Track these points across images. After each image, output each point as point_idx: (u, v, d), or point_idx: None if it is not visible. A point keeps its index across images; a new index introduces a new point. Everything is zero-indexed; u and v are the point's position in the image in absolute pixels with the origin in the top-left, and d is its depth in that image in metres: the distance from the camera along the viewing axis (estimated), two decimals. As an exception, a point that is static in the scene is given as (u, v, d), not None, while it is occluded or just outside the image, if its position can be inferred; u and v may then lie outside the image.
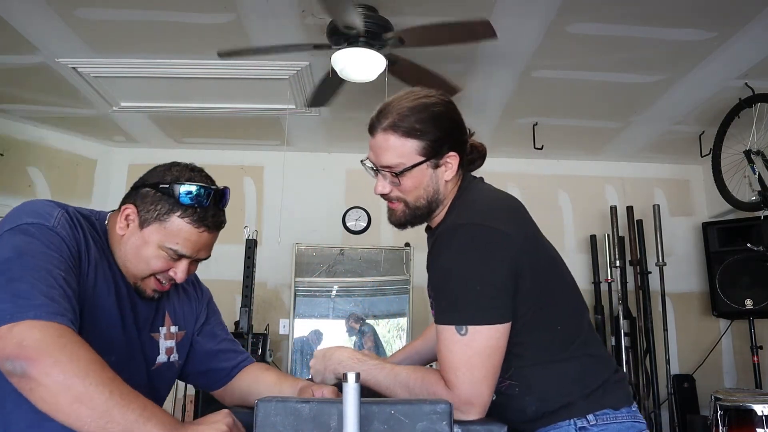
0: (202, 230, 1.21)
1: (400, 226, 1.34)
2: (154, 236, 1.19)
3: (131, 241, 1.21)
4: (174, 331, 1.36)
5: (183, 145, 4.74)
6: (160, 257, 1.20)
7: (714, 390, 3.11)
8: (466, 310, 1.14)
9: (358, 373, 0.85)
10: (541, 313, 1.22)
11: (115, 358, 1.12)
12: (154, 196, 1.20)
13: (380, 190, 1.30)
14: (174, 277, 1.24)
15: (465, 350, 1.13)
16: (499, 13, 2.76)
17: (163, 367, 1.33)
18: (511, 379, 1.24)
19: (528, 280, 1.19)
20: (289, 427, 0.93)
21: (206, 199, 1.20)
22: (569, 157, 4.78)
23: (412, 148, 1.25)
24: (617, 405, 1.22)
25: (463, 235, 1.18)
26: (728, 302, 4.11)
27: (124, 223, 1.22)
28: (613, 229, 4.48)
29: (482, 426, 1.07)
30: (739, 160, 3.60)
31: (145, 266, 1.21)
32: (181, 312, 1.39)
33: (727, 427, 2.80)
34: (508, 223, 1.20)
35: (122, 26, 2.97)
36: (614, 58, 3.21)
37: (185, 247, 1.20)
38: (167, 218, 1.19)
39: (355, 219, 4.74)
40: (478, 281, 1.15)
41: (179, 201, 1.19)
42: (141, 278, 1.23)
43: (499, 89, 3.61)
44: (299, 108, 3.90)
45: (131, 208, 1.22)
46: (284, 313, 4.57)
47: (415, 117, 1.25)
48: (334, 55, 2.76)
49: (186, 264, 1.24)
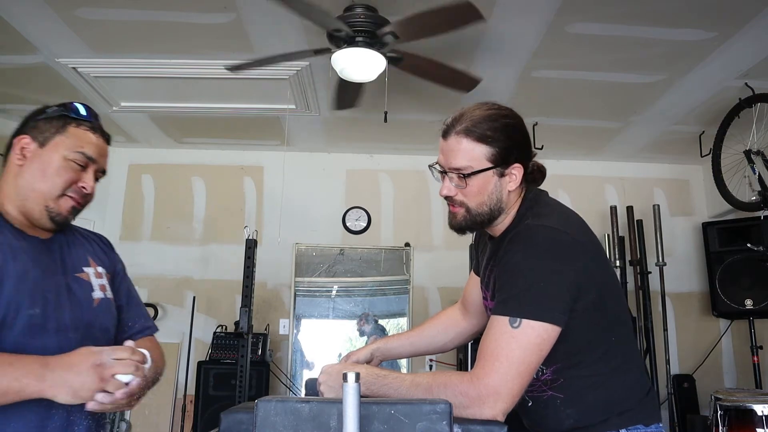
0: (98, 135, 1.33)
1: (459, 230, 1.37)
2: (59, 149, 1.28)
3: (34, 164, 1.27)
4: (101, 271, 1.39)
5: (183, 145, 4.74)
6: (68, 167, 1.27)
7: (714, 390, 3.11)
8: (525, 304, 1.17)
9: (358, 373, 0.85)
10: (600, 326, 1.26)
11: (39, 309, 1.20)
12: (45, 120, 1.30)
13: (446, 192, 1.34)
14: (85, 188, 1.30)
15: (510, 342, 1.15)
16: (499, 13, 2.76)
17: (102, 303, 1.36)
18: (555, 390, 1.26)
19: (593, 292, 1.23)
20: (289, 427, 0.93)
21: (92, 112, 1.35)
22: (569, 157, 4.78)
23: (481, 154, 1.29)
24: (648, 421, 1.26)
25: (540, 236, 1.23)
26: (728, 302, 4.11)
27: (19, 153, 1.28)
28: (613, 229, 4.48)
29: (482, 426, 1.06)
30: (739, 160, 3.60)
31: (56, 180, 1.26)
32: (103, 257, 1.43)
33: (727, 427, 2.80)
34: (582, 234, 1.27)
35: (122, 26, 2.97)
36: (614, 58, 3.21)
37: (90, 149, 1.30)
38: (65, 130, 1.29)
39: (355, 219, 4.74)
40: (545, 280, 1.18)
41: (71, 115, 1.31)
42: (54, 198, 1.26)
43: (499, 89, 3.61)
44: (299, 108, 3.90)
45: (25, 138, 1.29)
46: (284, 313, 4.57)
47: (487, 125, 1.30)
48: (333, 55, 2.76)
49: (92, 174, 1.31)
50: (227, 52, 3.19)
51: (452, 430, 0.94)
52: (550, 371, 1.26)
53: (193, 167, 4.76)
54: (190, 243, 4.66)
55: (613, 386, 1.27)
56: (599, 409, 1.25)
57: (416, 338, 1.67)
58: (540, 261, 1.20)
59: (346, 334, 4.65)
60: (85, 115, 1.33)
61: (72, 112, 1.32)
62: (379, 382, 1.21)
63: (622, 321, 1.34)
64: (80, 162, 1.28)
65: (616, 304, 1.32)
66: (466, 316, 1.67)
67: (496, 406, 1.12)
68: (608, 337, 1.28)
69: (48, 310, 1.22)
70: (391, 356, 1.66)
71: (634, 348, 1.36)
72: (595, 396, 1.26)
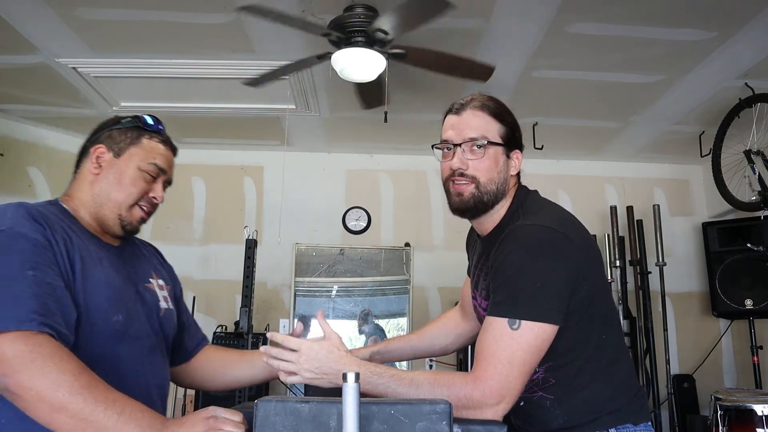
0: (167, 147, 1.40)
1: (464, 210, 1.36)
2: (133, 159, 1.33)
3: (109, 174, 1.32)
4: (162, 283, 1.44)
5: (183, 145, 4.69)
6: (141, 178, 1.33)
7: (714, 390, 3.10)
8: (524, 305, 1.17)
9: (358, 373, 0.85)
10: (592, 323, 1.26)
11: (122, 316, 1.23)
12: (119, 131, 1.35)
13: (458, 164, 1.34)
14: (156, 200, 1.36)
15: (511, 344, 1.15)
16: (499, 13, 2.76)
17: (167, 313, 1.40)
18: (545, 391, 1.26)
19: (585, 290, 1.22)
20: (289, 427, 0.93)
21: (160, 124, 1.41)
22: (569, 157, 4.78)
23: (495, 129, 1.36)
24: (637, 420, 1.26)
25: (534, 235, 1.23)
26: (728, 302, 4.11)
27: (96, 163, 1.32)
28: (613, 229, 4.48)
29: (482, 426, 1.06)
30: (739, 160, 3.59)
31: (130, 190, 1.32)
32: (161, 270, 1.49)
33: (727, 427, 2.80)
34: (576, 233, 1.27)
35: (122, 26, 2.97)
36: (614, 58, 3.21)
37: (161, 161, 1.36)
38: (139, 141, 1.35)
39: (355, 219, 4.74)
40: (541, 280, 1.18)
41: (144, 128, 1.37)
42: (126, 208, 1.32)
43: (499, 89, 3.60)
44: (299, 108, 3.90)
45: (101, 147, 1.34)
46: (284, 313, 4.57)
47: (499, 105, 1.40)
48: (334, 55, 2.76)
49: (161, 184, 1.38)
50: (227, 52, 3.19)
51: (452, 430, 0.94)
52: (542, 369, 1.26)
53: (193, 167, 4.75)
54: (190, 243, 4.65)
55: (602, 385, 1.26)
56: (588, 409, 1.25)
57: (416, 341, 1.68)
58: (535, 260, 1.20)
59: (346, 334, 4.64)
60: (157, 127, 1.39)
61: (144, 123, 1.37)
62: (375, 380, 1.19)
63: (612, 319, 1.34)
64: (152, 173, 1.34)
65: (605, 302, 1.33)
66: (465, 318, 1.67)
67: (498, 408, 1.13)
68: (599, 334, 1.28)
69: (128, 318, 1.25)
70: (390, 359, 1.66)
71: (623, 347, 1.36)
72: (584, 396, 1.25)
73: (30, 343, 1.00)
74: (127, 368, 1.23)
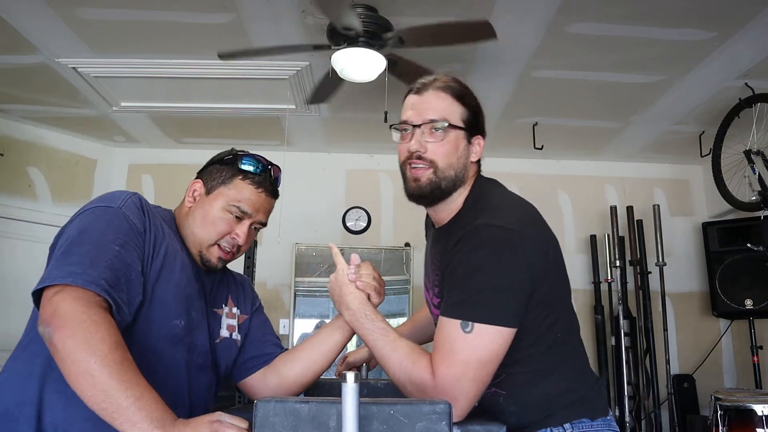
0: (261, 191, 1.36)
1: (420, 196, 1.33)
2: (220, 198, 1.34)
3: (199, 209, 1.34)
4: (236, 312, 1.44)
5: (183, 145, 4.74)
6: (225, 219, 1.33)
7: (714, 390, 3.10)
8: (476, 307, 1.13)
9: (358, 374, 0.85)
10: (547, 320, 1.22)
11: (184, 322, 1.25)
12: (218, 168, 1.37)
13: (415, 146, 1.29)
14: (237, 240, 1.34)
15: (465, 347, 1.12)
16: (499, 13, 2.76)
17: (225, 342, 1.40)
18: (499, 387, 1.23)
19: (543, 286, 1.19)
20: (288, 428, 0.93)
21: (263, 168, 1.37)
22: (569, 157, 4.78)
23: (457, 112, 1.31)
24: (594, 415, 1.23)
25: (489, 235, 1.17)
26: (728, 302, 4.11)
27: (191, 197, 1.37)
28: (613, 229, 4.48)
29: (482, 426, 1.07)
30: (739, 160, 3.60)
31: (212, 228, 1.32)
32: (242, 298, 1.49)
33: (727, 427, 2.80)
34: (532, 229, 1.22)
35: (122, 26, 2.97)
36: (614, 58, 3.21)
37: (247, 204, 1.34)
38: (231, 181, 1.35)
39: (355, 219, 4.74)
40: (496, 281, 1.14)
41: (240, 168, 1.35)
42: (207, 245, 1.33)
43: (498, 89, 3.61)
44: (299, 108, 3.90)
45: (198, 182, 1.38)
46: (284, 313, 4.57)
47: (463, 88, 1.34)
48: (334, 55, 2.76)
49: (247, 226, 1.35)
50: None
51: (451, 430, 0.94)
52: None
53: (193, 167, 4.67)
54: (190, 243, 4.66)
55: (555, 381, 1.23)
56: (542, 405, 1.21)
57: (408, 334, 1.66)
58: (492, 263, 1.15)
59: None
60: (253, 171, 1.36)
61: (244, 163, 1.36)
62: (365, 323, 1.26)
63: (568, 313, 1.30)
64: (235, 214, 1.34)
65: (564, 295, 1.29)
66: None
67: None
68: (554, 332, 1.24)
69: (189, 326, 1.27)
70: None
71: (578, 341, 1.31)
72: (537, 392, 1.22)
73: (87, 305, 1.03)
74: (171, 373, 1.23)
